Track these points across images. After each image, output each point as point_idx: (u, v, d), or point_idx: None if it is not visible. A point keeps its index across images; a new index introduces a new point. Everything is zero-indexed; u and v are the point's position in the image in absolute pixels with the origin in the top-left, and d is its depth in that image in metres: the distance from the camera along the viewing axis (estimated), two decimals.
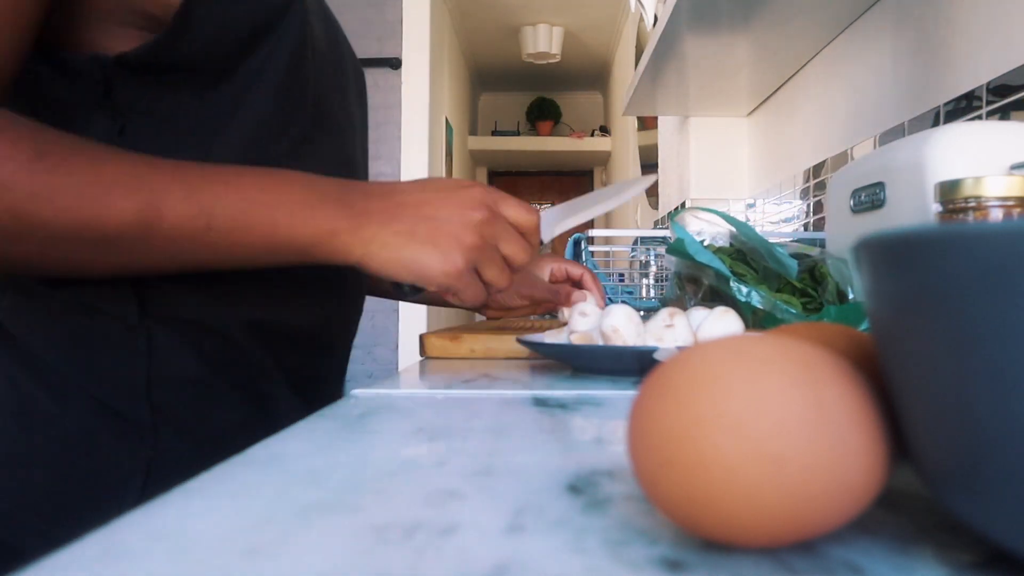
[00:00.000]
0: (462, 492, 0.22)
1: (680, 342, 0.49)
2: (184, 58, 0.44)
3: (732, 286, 0.61)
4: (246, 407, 0.48)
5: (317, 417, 0.35)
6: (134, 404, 0.43)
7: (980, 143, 0.54)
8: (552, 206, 0.56)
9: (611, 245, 1.47)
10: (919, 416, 0.16)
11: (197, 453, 0.43)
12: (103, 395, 0.43)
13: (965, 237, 0.13)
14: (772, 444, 0.15)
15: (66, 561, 0.17)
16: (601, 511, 0.20)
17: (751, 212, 1.73)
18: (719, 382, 0.17)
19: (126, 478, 0.42)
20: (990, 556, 0.17)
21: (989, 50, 0.80)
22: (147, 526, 0.19)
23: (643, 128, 3.08)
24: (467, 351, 0.67)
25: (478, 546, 0.18)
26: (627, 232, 1.31)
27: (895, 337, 0.16)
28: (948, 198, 0.45)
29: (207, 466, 0.28)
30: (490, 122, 5.06)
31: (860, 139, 1.14)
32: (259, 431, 0.37)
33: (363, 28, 2.88)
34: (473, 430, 0.32)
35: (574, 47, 4.27)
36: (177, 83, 0.45)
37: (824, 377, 0.17)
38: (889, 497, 0.21)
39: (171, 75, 0.44)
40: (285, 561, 0.17)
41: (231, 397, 0.47)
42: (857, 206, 0.65)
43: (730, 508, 0.16)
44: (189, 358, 0.45)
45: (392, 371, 2.87)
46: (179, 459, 0.44)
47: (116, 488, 0.42)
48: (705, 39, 1.25)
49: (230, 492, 0.22)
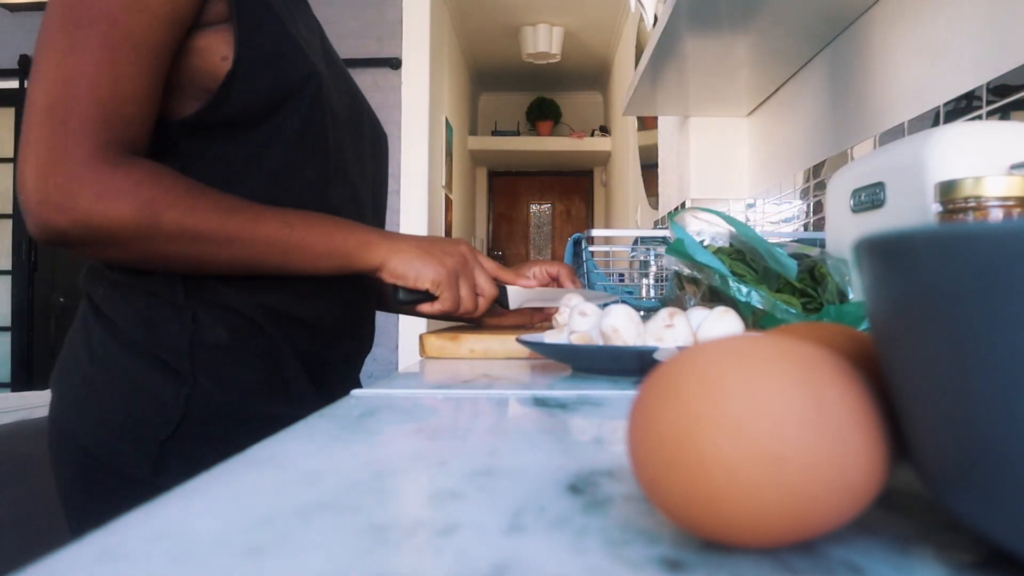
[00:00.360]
0: (462, 492, 0.22)
1: (680, 342, 0.49)
2: (226, 118, 0.60)
3: (732, 286, 0.61)
4: (262, 368, 0.65)
5: (317, 417, 0.35)
6: (179, 359, 0.61)
7: (980, 143, 0.54)
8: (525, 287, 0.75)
9: (611, 245, 1.47)
10: (919, 416, 0.16)
11: (223, 396, 0.61)
12: (159, 352, 0.61)
13: (965, 237, 0.13)
14: (772, 444, 0.15)
15: (66, 561, 0.17)
16: (601, 511, 0.20)
17: (751, 212, 1.73)
18: (719, 382, 0.17)
19: (170, 405, 0.60)
20: (990, 556, 0.17)
21: (989, 50, 0.80)
22: (147, 526, 0.19)
23: (643, 128, 3.08)
24: (467, 351, 0.67)
25: (478, 546, 0.18)
26: (627, 232, 1.31)
27: (895, 337, 0.16)
28: (948, 198, 0.45)
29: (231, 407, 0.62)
30: (490, 122, 5.06)
31: (860, 139, 1.14)
32: (273, 388, 0.64)
33: (363, 28, 2.88)
34: (473, 430, 0.32)
35: (574, 47, 4.27)
36: (221, 135, 0.62)
37: (824, 377, 0.17)
38: (889, 497, 0.21)
39: (217, 130, 0.61)
40: (285, 561, 0.17)
41: (252, 360, 0.64)
42: (857, 206, 0.65)
43: (730, 508, 0.16)
44: (221, 330, 0.62)
45: (392, 371, 2.87)
46: (210, 399, 0.61)
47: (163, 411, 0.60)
48: (705, 39, 1.25)
49: (230, 492, 0.22)
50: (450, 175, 3.68)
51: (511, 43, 4.22)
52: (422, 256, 0.65)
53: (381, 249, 0.64)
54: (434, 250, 0.66)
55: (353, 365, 0.78)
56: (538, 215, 5.49)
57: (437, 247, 0.67)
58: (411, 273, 0.64)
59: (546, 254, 5.43)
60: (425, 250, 0.65)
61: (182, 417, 0.60)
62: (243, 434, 0.60)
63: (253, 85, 0.60)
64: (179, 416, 0.60)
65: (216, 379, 0.62)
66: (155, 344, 0.61)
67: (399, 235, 0.67)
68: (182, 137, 0.61)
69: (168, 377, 0.60)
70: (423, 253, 0.65)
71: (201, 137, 0.61)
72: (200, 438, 0.60)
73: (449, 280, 0.65)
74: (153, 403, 0.60)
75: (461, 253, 0.68)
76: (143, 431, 0.59)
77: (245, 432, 0.60)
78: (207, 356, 0.61)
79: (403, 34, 2.92)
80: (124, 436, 0.60)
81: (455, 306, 0.67)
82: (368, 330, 0.80)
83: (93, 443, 0.61)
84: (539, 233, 5.47)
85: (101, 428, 0.61)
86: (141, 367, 0.61)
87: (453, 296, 0.66)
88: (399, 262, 0.64)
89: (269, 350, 0.65)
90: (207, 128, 0.61)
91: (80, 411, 0.62)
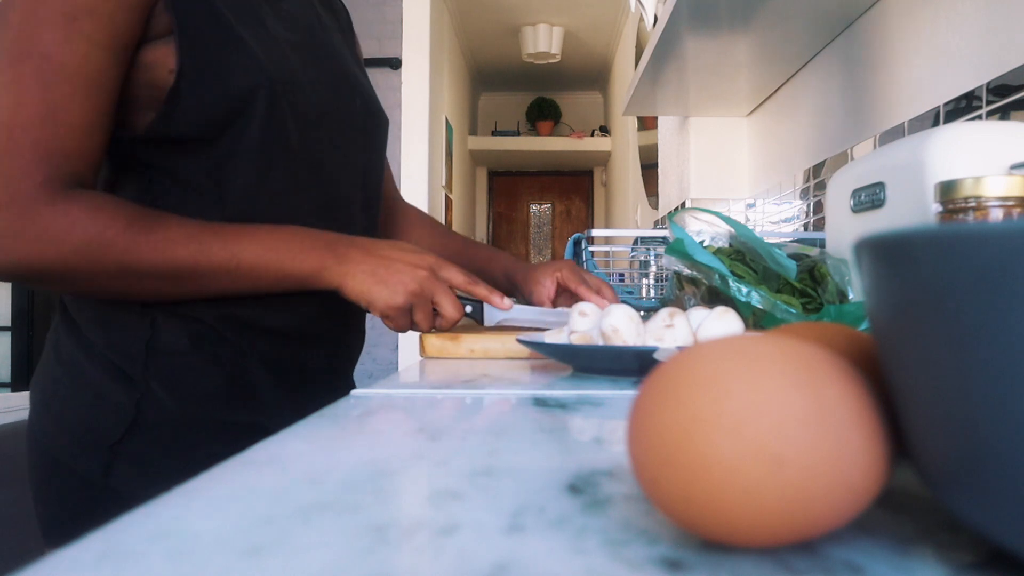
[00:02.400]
0: (462, 492, 0.22)
1: (680, 342, 0.49)
2: (180, 132, 0.60)
3: (732, 286, 0.61)
4: (222, 375, 0.64)
5: (317, 417, 0.35)
6: (132, 364, 0.61)
7: (980, 143, 0.54)
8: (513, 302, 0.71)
9: (611, 245, 1.47)
10: (919, 416, 0.16)
11: (177, 403, 0.61)
12: (114, 356, 0.61)
13: (965, 237, 0.13)
14: (772, 444, 0.15)
15: (66, 561, 0.17)
16: (601, 511, 0.20)
17: (751, 212, 1.73)
18: (719, 382, 0.17)
19: (121, 409, 0.61)
20: (990, 556, 0.17)
21: (989, 50, 0.80)
22: (147, 526, 0.19)
23: (643, 128, 3.08)
24: (467, 351, 0.67)
25: (478, 546, 0.18)
26: (627, 232, 1.31)
27: (895, 337, 0.16)
28: (948, 198, 0.45)
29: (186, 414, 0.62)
30: (490, 122, 5.06)
31: (860, 139, 1.14)
32: (235, 396, 0.64)
33: (363, 28, 2.88)
34: (473, 430, 0.32)
35: (574, 47, 4.26)
36: (179, 150, 0.61)
37: (824, 377, 0.17)
38: (889, 497, 0.21)
39: (174, 145, 0.60)
40: (285, 561, 0.17)
41: (210, 368, 0.63)
42: (857, 206, 0.65)
43: (730, 508, 0.16)
44: (181, 337, 0.62)
45: (392, 371, 2.87)
46: (162, 404, 0.61)
47: (115, 415, 0.60)
48: (705, 39, 1.25)
49: (230, 492, 0.22)
50: (450, 175, 3.68)
51: (511, 43, 4.22)
52: (375, 283, 0.62)
53: (333, 274, 0.62)
54: (390, 273, 0.62)
55: (340, 370, 0.76)
56: (538, 215, 5.49)
57: (395, 269, 0.63)
58: (363, 299, 0.62)
59: (546, 254, 5.43)
60: (379, 275, 0.62)
61: (132, 422, 0.60)
62: (200, 440, 0.62)
63: (200, 98, 0.59)
64: (129, 420, 0.60)
65: (170, 385, 0.61)
66: (110, 347, 0.61)
67: (359, 250, 0.63)
68: (142, 153, 0.61)
69: (121, 381, 0.61)
70: (376, 280, 0.62)
71: (161, 152, 0.61)
72: (152, 443, 0.60)
73: (402, 307, 0.63)
74: (105, 406, 0.60)
75: (420, 275, 0.63)
76: (96, 434, 0.60)
77: (204, 438, 0.62)
78: (162, 362, 0.61)
79: (403, 34, 2.92)
80: (79, 438, 0.61)
81: (404, 329, 0.66)
82: (355, 335, 0.78)
83: (53, 443, 0.62)
84: (539, 233, 5.47)
85: (59, 429, 0.62)
86: (96, 370, 0.61)
87: (404, 323, 0.64)
88: (352, 287, 0.62)
89: (233, 358, 0.64)
90: (166, 143, 0.60)
91: (45, 412, 0.63)
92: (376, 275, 0.62)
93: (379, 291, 0.62)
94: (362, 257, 0.63)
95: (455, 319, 0.65)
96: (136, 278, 0.56)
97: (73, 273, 0.54)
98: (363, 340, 0.81)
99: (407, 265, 0.64)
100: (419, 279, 0.63)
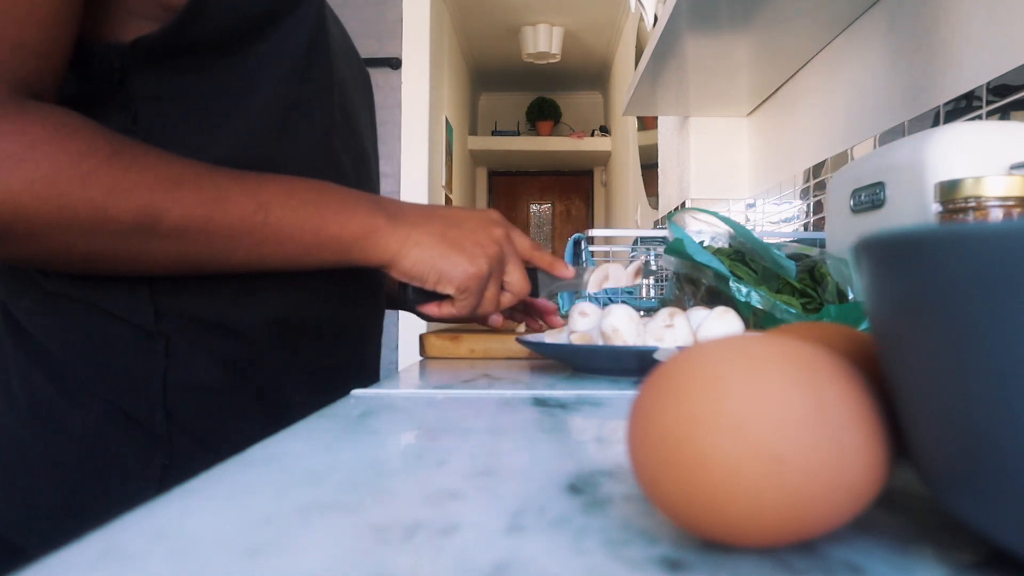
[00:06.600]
0: (462, 492, 0.22)
1: (680, 342, 0.49)
2: (197, 41, 0.43)
3: (732, 286, 0.61)
4: (264, 416, 0.46)
5: (317, 417, 0.35)
6: (149, 410, 0.42)
7: (980, 143, 0.54)
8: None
9: (611, 245, 1.47)
10: (919, 416, 0.16)
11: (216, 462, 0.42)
12: (117, 399, 0.42)
13: (965, 237, 0.13)
14: (772, 444, 0.15)
15: (66, 561, 0.17)
16: (601, 511, 0.20)
17: (751, 212, 1.73)
18: (719, 382, 0.17)
19: (140, 487, 0.41)
20: (990, 556, 0.17)
21: (989, 50, 0.80)
22: (147, 526, 0.19)
23: (643, 128, 3.08)
24: (467, 351, 0.67)
25: (478, 546, 0.18)
26: (627, 232, 1.31)
27: (895, 337, 0.16)
28: (948, 198, 0.45)
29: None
30: (490, 122, 5.06)
31: (860, 139, 1.14)
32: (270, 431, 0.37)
33: (363, 28, 2.87)
34: (473, 430, 0.32)
35: (574, 47, 4.26)
36: (189, 67, 0.44)
37: (824, 377, 0.17)
38: (889, 497, 0.21)
39: (184, 59, 0.44)
40: (285, 561, 0.17)
41: (250, 407, 0.46)
42: (857, 206, 0.65)
43: (730, 508, 0.16)
44: (208, 363, 0.44)
45: (392, 371, 2.87)
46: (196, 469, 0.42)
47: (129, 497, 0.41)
48: (705, 39, 1.25)
49: (230, 492, 0.22)
50: (450, 175, 3.67)
51: (511, 43, 4.22)
52: (446, 253, 0.48)
53: (392, 240, 0.46)
54: (464, 242, 0.49)
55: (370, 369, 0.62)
56: (538, 215, 5.49)
57: (467, 237, 0.50)
58: (431, 276, 0.48)
59: None
60: (451, 243, 0.49)
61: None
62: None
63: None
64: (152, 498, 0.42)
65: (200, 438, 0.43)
66: (111, 387, 0.42)
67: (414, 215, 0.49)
68: (132, 70, 0.42)
69: (133, 439, 0.42)
70: (449, 244, 0.48)
71: (162, 70, 0.43)
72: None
73: (479, 283, 0.50)
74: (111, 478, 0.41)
75: (497, 242, 0.51)
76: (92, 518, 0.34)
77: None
78: (188, 404, 0.43)
79: (403, 34, 2.92)
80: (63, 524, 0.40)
81: (472, 311, 0.52)
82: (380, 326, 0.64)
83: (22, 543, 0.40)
84: (539, 233, 5.47)
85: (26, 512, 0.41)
86: (90, 422, 0.41)
87: (475, 302, 0.51)
88: (416, 259, 0.47)
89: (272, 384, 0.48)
90: (170, 58, 0.43)
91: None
92: (447, 238, 0.49)
93: (455, 259, 0.48)
94: (423, 216, 0.49)
95: (524, 293, 0.54)
96: (121, 237, 0.38)
97: (27, 224, 0.35)
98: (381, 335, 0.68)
99: (479, 224, 0.51)
100: (499, 241, 0.51)
